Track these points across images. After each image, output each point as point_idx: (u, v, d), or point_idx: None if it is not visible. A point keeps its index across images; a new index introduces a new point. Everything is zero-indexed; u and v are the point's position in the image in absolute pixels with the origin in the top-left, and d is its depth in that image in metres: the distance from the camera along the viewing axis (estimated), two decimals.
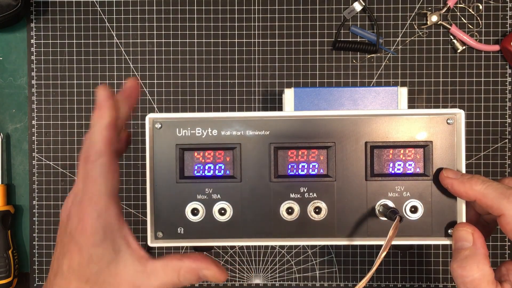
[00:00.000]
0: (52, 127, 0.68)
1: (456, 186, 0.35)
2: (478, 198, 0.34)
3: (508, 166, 0.66)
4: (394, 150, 0.36)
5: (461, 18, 0.67)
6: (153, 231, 0.36)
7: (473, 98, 0.67)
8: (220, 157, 0.36)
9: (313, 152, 0.36)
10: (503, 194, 0.33)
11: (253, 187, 0.36)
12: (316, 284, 0.68)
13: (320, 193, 0.36)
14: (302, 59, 0.68)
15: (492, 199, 0.33)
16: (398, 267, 0.67)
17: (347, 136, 0.36)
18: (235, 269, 0.68)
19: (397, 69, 0.67)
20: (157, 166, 0.36)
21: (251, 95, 0.68)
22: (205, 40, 0.68)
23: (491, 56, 0.66)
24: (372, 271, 0.32)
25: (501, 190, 0.33)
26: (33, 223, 0.68)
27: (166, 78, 0.68)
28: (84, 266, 0.33)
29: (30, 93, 0.68)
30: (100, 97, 0.35)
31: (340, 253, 0.68)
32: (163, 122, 0.35)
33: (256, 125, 0.36)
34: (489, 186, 0.34)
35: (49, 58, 0.68)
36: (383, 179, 0.36)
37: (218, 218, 0.36)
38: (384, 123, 0.36)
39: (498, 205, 0.33)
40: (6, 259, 0.66)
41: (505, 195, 0.33)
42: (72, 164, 0.68)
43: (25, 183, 0.70)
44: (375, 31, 0.66)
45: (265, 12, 0.68)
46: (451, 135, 0.36)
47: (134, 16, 0.68)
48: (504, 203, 0.33)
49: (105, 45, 0.68)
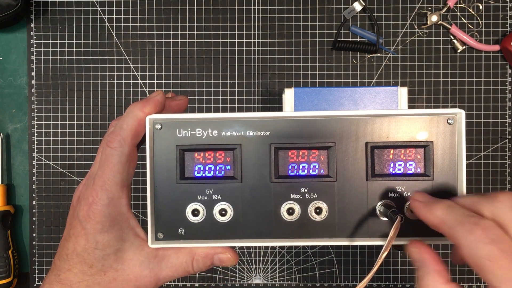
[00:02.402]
0: (52, 127, 0.68)
1: (418, 210, 0.33)
2: (436, 224, 0.31)
3: (508, 166, 0.66)
4: (395, 150, 0.36)
5: (461, 18, 0.67)
6: (153, 232, 0.36)
7: (473, 98, 0.67)
8: (220, 157, 0.36)
9: (313, 153, 0.36)
10: (460, 222, 0.29)
11: (253, 188, 0.36)
12: (316, 284, 0.68)
13: (321, 193, 0.36)
14: (302, 59, 0.68)
15: (449, 228, 0.29)
16: (398, 267, 0.67)
17: (347, 136, 0.36)
18: (235, 269, 0.68)
19: (397, 69, 0.67)
20: (157, 167, 0.36)
21: (251, 95, 0.68)
22: (205, 40, 0.68)
23: (491, 56, 0.66)
24: (373, 271, 0.32)
25: (461, 217, 0.29)
26: (33, 223, 0.68)
27: (166, 78, 0.68)
28: (89, 252, 0.33)
29: (30, 93, 0.68)
30: (154, 94, 0.35)
31: (340, 253, 0.68)
32: (163, 123, 0.35)
33: (257, 125, 0.36)
34: (450, 212, 0.30)
35: (49, 58, 0.68)
36: (383, 179, 0.36)
37: (218, 219, 0.36)
38: (384, 123, 0.36)
39: (453, 233, 0.29)
40: (6, 259, 0.66)
41: (462, 222, 0.29)
42: (72, 164, 0.68)
43: (25, 183, 0.70)
44: (375, 31, 0.66)
45: (265, 12, 0.68)
46: (452, 135, 0.36)
47: (134, 16, 0.68)
48: (458, 230, 0.29)
49: (105, 45, 0.68)
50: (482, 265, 0.27)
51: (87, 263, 0.34)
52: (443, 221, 0.30)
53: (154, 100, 0.35)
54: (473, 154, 0.67)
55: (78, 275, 0.34)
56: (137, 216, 0.68)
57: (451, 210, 0.30)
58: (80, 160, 0.68)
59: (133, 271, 0.35)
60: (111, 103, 0.68)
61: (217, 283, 0.68)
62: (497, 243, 0.27)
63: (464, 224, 0.29)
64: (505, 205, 0.28)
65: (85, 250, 0.33)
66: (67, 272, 0.34)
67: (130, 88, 0.68)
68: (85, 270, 0.34)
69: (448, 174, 0.36)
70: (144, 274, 0.35)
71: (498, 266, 0.27)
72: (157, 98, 0.35)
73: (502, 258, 0.27)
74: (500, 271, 0.27)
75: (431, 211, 0.31)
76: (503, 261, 0.27)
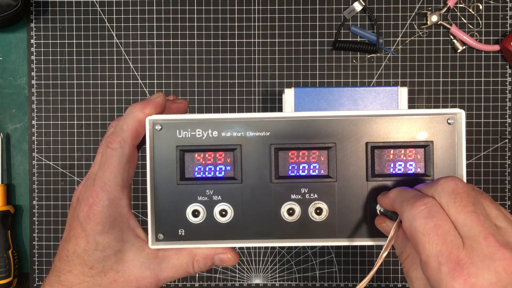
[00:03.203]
0: (52, 127, 0.68)
1: (379, 198, 0.35)
2: (390, 204, 0.33)
3: (508, 166, 0.66)
4: (395, 150, 0.36)
5: (461, 18, 0.67)
6: (154, 233, 0.36)
7: (473, 98, 0.67)
8: (220, 158, 0.36)
9: (313, 153, 0.36)
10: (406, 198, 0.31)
11: (254, 188, 0.36)
12: (316, 284, 0.68)
13: (321, 193, 0.36)
14: (302, 59, 0.67)
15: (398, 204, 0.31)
16: (398, 267, 0.67)
17: (347, 137, 0.36)
18: (235, 269, 0.68)
19: (397, 69, 0.67)
20: (157, 168, 0.36)
21: (251, 95, 0.68)
22: (205, 40, 0.68)
23: (491, 56, 0.66)
24: (373, 271, 0.32)
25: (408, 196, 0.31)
26: (33, 223, 0.68)
27: (166, 78, 0.68)
28: (89, 253, 0.33)
29: (30, 93, 0.68)
30: (154, 96, 0.35)
31: (340, 253, 0.68)
32: (163, 124, 0.35)
33: (257, 126, 0.36)
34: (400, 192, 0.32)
35: (49, 58, 0.68)
36: (384, 180, 0.36)
37: (219, 219, 0.36)
38: (384, 123, 0.36)
39: (399, 208, 0.31)
40: (6, 259, 0.66)
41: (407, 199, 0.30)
42: (72, 164, 0.68)
43: (25, 183, 0.70)
44: (375, 31, 0.66)
45: (265, 12, 0.68)
46: (452, 135, 0.36)
47: (134, 16, 0.68)
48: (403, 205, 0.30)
49: (105, 45, 0.68)
50: (416, 237, 0.29)
51: (88, 265, 0.34)
52: (394, 199, 0.32)
53: (154, 101, 0.35)
54: (473, 154, 0.67)
55: (79, 277, 0.34)
56: (137, 216, 0.68)
57: (402, 191, 0.32)
58: (80, 160, 0.68)
59: (134, 272, 0.34)
60: (111, 103, 0.68)
61: (217, 283, 0.68)
62: (432, 218, 0.28)
63: (409, 200, 0.30)
64: (442, 188, 0.30)
65: (86, 251, 0.33)
66: (68, 274, 0.34)
67: (130, 88, 0.68)
68: (86, 272, 0.34)
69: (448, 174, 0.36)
70: (144, 275, 0.35)
71: (429, 240, 0.28)
72: (157, 100, 0.35)
73: (434, 233, 0.28)
74: (430, 245, 0.28)
75: (387, 194, 0.33)
76: (434, 236, 0.28)
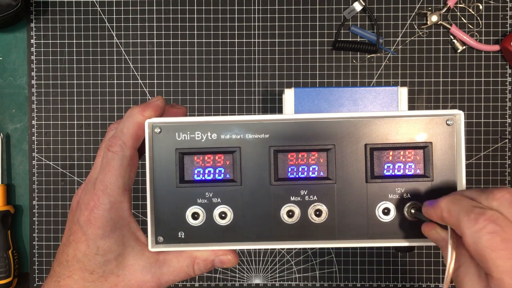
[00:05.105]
0: (52, 127, 0.68)
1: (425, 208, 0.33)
2: (442, 215, 0.31)
3: (508, 166, 0.66)
4: (394, 151, 0.36)
5: (461, 18, 0.67)
6: (153, 235, 0.36)
7: (473, 98, 0.67)
8: (220, 161, 0.36)
9: (313, 155, 0.36)
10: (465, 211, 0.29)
11: (253, 191, 0.36)
12: (316, 284, 0.68)
13: (321, 195, 0.36)
14: (302, 59, 0.67)
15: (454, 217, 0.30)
16: (398, 267, 0.67)
17: (346, 138, 0.36)
18: (235, 269, 0.69)
19: (397, 69, 0.67)
20: (157, 170, 0.36)
21: (251, 95, 0.68)
22: (205, 40, 0.68)
23: (491, 56, 0.66)
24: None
25: (466, 207, 0.29)
26: (33, 223, 0.69)
27: (166, 78, 0.68)
28: (89, 258, 0.33)
29: (30, 93, 0.68)
30: (154, 99, 0.35)
31: (340, 253, 0.68)
32: (162, 127, 0.35)
33: (256, 128, 0.36)
34: (455, 202, 0.30)
35: (49, 58, 0.68)
36: (383, 181, 0.36)
37: (218, 222, 0.36)
38: (383, 124, 0.36)
39: (458, 223, 0.29)
40: (6, 259, 0.66)
41: (467, 212, 0.29)
42: (72, 164, 0.68)
43: (25, 183, 0.70)
44: (375, 31, 0.66)
45: (265, 12, 0.67)
46: (451, 136, 0.36)
47: (134, 16, 0.68)
48: (463, 219, 0.29)
49: (105, 45, 0.68)
50: (484, 254, 0.28)
51: (88, 269, 0.33)
52: (449, 211, 0.30)
53: (154, 104, 0.35)
54: (473, 154, 0.67)
55: (79, 282, 0.33)
56: (137, 216, 0.68)
57: (456, 200, 0.31)
58: (80, 160, 0.68)
59: (135, 276, 0.34)
60: (111, 103, 0.68)
61: (217, 283, 0.68)
62: (500, 233, 0.27)
63: (469, 213, 0.29)
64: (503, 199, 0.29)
65: (86, 255, 0.33)
66: (67, 279, 0.33)
67: (130, 88, 0.68)
68: (86, 277, 0.33)
69: (448, 175, 0.36)
70: (146, 279, 0.34)
71: (500, 256, 0.27)
72: (157, 103, 0.35)
73: (504, 248, 0.27)
74: (502, 261, 0.27)
75: (437, 204, 0.32)
76: (505, 251, 0.27)
